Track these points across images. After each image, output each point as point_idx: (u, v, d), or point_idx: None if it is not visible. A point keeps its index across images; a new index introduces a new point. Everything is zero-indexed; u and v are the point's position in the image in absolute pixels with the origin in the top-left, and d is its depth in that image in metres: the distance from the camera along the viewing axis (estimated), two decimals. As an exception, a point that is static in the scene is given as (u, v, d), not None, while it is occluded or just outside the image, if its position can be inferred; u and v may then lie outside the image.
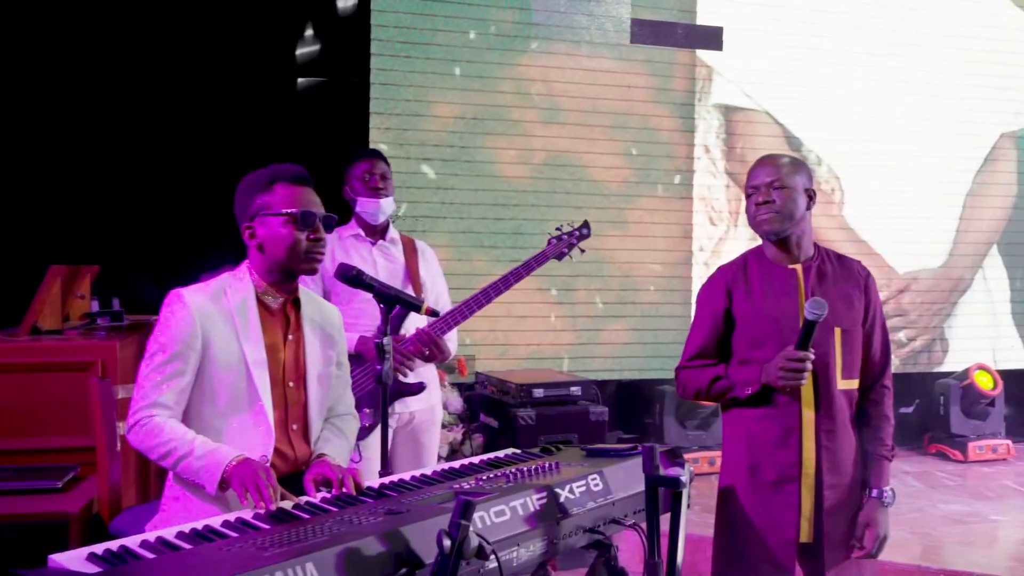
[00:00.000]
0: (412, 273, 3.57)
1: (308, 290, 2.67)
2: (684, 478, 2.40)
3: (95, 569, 1.76)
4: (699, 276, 6.45)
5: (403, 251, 3.61)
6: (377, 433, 3.33)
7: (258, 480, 2.17)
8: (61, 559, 1.80)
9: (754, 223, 2.67)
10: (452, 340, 3.67)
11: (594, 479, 2.45)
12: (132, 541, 1.92)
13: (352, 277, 2.59)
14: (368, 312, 3.36)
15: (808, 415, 2.58)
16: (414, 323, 3.44)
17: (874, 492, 2.64)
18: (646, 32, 6.18)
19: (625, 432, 6.35)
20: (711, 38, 6.35)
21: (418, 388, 3.47)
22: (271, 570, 1.66)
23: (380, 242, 3.55)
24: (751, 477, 2.66)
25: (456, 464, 2.67)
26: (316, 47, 5.73)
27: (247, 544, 1.85)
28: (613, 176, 6.29)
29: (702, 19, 6.45)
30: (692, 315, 2.93)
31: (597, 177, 6.25)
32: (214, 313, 2.42)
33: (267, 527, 2.04)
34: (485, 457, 2.80)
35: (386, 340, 2.57)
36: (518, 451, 2.95)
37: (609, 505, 2.45)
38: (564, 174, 6.19)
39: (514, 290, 3.60)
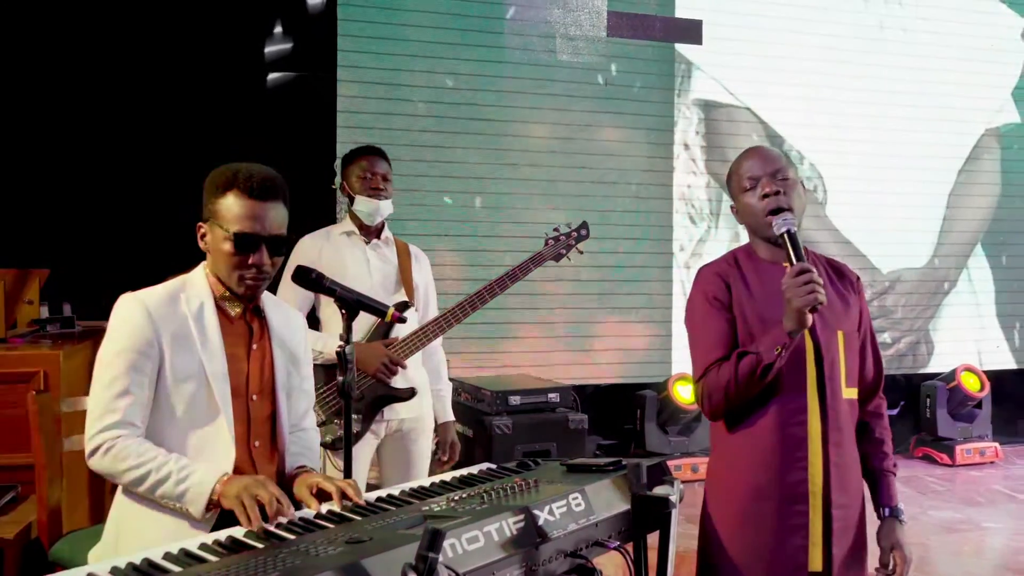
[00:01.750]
0: (405, 276, 3.47)
1: (272, 296, 2.46)
2: (674, 497, 2.22)
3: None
4: (680, 277, 6.31)
5: (397, 253, 3.50)
6: (363, 442, 3.29)
7: (244, 498, 1.98)
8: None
9: (759, 219, 2.36)
10: (439, 351, 3.60)
11: (575, 498, 2.26)
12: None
13: (312, 280, 2.39)
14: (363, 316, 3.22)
15: (815, 426, 2.33)
16: (406, 327, 3.30)
17: (888, 511, 2.43)
18: (623, 25, 6.03)
19: (604, 439, 6.18)
20: (690, 32, 6.20)
21: (409, 394, 3.34)
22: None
23: (375, 241, 3.43)
24: (750, 498, 2.39)
25: (426, 482, 2.47)
26: (285, 42, 5.55)
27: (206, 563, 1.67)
28: (589, 175, 6.14)
29: (681, 12, 6.30)
30: (678, 320, 2.70)
31: (573, 176, 6.08)
32: (170, 318, 2.21)
33: (214, 559, 1.83)
34: (458, 474, 2.60)
35: (348, 349, 2.38)
36: (494, 467, 2.75)
37: (592, 526, 2.26)
38: (539, 173, 6.02)
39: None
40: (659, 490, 2.21)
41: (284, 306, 2.50)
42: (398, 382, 3.33)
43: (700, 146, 6.41)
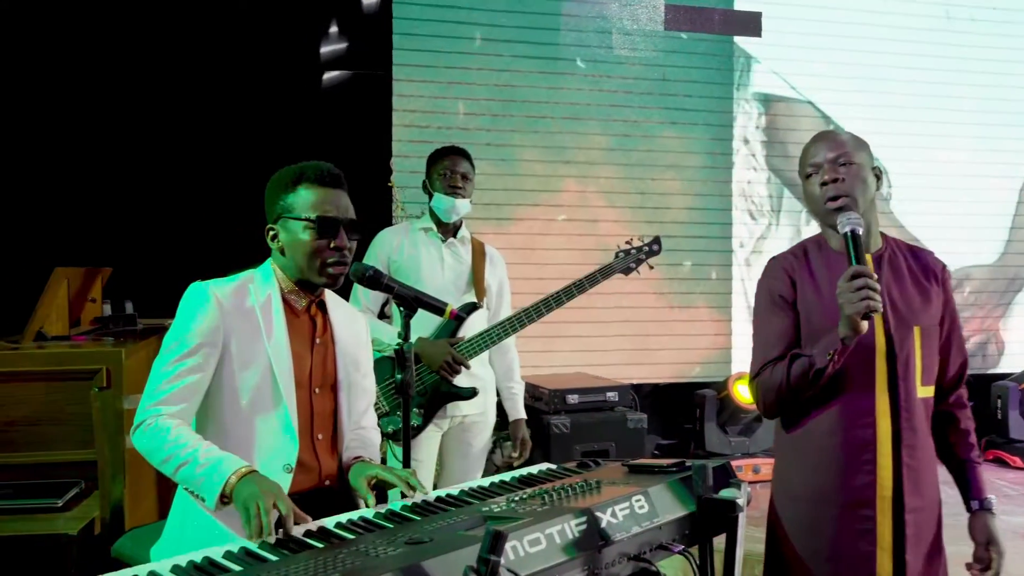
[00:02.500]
0: (477, 276, 3.51)
1: (334, 294, 2.47)
2: (741, 500, 2.15)
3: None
4: (740, 275, 6.19)
5: (472, 253, 3.55)
6: (426, 435, 3.35)
7: (259, 502, 1.93)
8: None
9: (819, 207, 2.29)
10: (512, 349, 3.63)
11: (638, 500, 2.20)
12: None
13: (369, 278, 2.36)
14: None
15: (885, 427, 2.23)
16: (474, 326, 3.40)
17: (976, 503, 2.32)
18: (681, 18, 5.92)
19: (663, 438, 6.08)
20: (749, 24, 6.07)
21: (470, 393, 3.38)
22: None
23: (450, 240, 3.49)
24: (813, 501, 2.32)
25: (485, 482, 2.44)
26: (340, 42, 5.56)
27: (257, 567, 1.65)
28: (647, 171, 6.05)
29: (740, 4, 6.17)
30: (738, 319, 2.61)
31: (630, 173, 5.99)
32: (238, 309, 2.24)
33: (275, 558, 1.81)
34: (517, 473, 2.56)
35: (407, 346, 2.34)
36: (554, 467, 2.71)
37: (655, 529, 2.20)
38: (595, 171, 5.95)
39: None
40: (726, 493, 2.15)
41: (345, 305, 2.51)
42: (462, 380, 3.36)
43: (760, 141, 6.28)
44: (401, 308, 2.38)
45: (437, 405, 3.36)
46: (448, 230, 3.48)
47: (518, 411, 3.68)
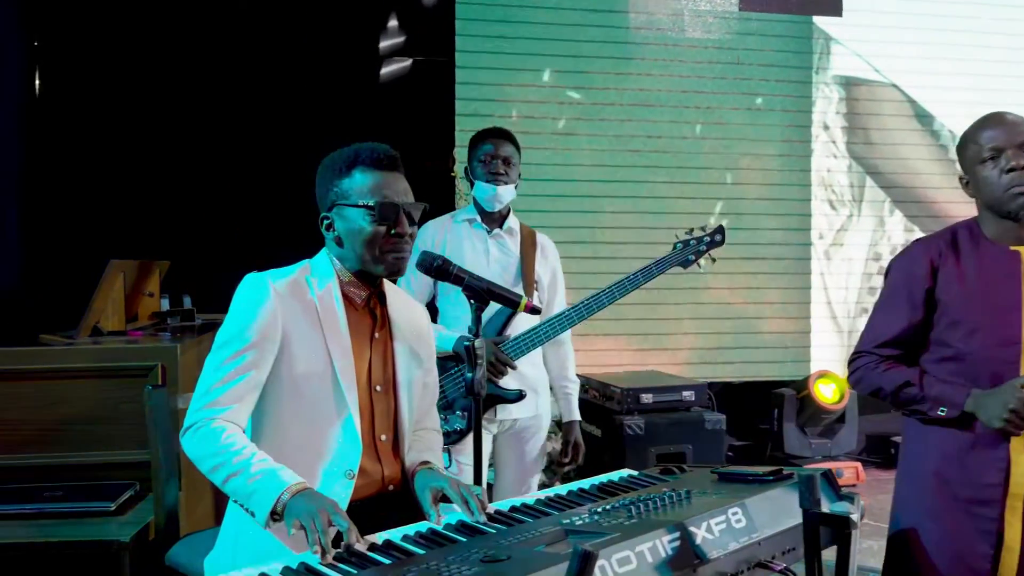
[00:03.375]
0: (526, 268, 3.28)
1: (395, 286, 2.31)
2: (855, 516, 1.92)
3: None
4: (819, 268, 5.93)
5: (521, 243, 3.31)
6: (471, 439, 3.03)
7: (316, 519, 1.76)
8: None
9: (998, 194, 2.20)
10: (566, 343, 3.41)
11: (735, 513, 2.01)
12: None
13: (437, 267, 2.19)
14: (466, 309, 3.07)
15: None
16: (523, 323, 3.16)
17: None
18: (756, -1, 5.66)
19: (737, 440, 5.83)
20: (829, 3, 5.77)
21: (516, 397, 3.16)
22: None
23: (496, 230, 3.27)
24: (936, 493, 2.25)
25: (563, 490, 2.25)
26: (401, 29, 5.44)
27: None
28: (719, 160, 5.80)
29: (818, -17, 5.87)
30: (817, 316, 2.47)
31: (701, 162, 5.75)
32: (296, 303, 2.08)
33: (335, 575, 1.64)
34: (596, 481, 2.37)
35: (478, 343, 2.16)
36: (635, 473, 2.51)
37: (755, 545, 2.00)
38: (666, 159, 5.71)
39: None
40: (838, 508, 1.92)
41: (405, 295, 2.36)
42: (509, 382, 3.14)
43: (841, 127, 5.97)
44: (472, 301, 2.19)
45: (484, 408, 3.15)
46: (493, 220, 3.26)
47: (572, 412, 3.45)
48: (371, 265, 2.10)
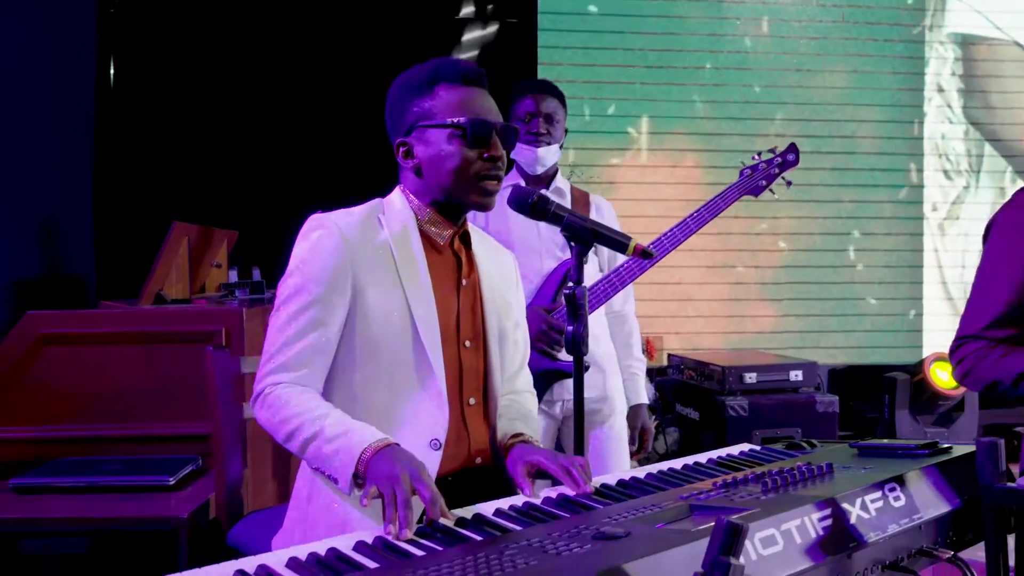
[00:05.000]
0: None
1: (479, 228, 2.05)
2: (1051, 492, 1.58)
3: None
4: (933, 244, 5.54)
5: (572, 205, 2.96)
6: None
7: (396, 486, 1.51)
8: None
9: None
10: (630, 302, 3.07)
11: (892, 490, 1.69)
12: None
13: (533, 204, 1.89)
14: (532, 266, 2.83)
15: None
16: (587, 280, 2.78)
17: None
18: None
19: (842, 428, 5.45)
20: (946, -47, 5.39)
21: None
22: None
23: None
24: None
25: (676, 464, 1.95)
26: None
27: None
28: (822, 127, 5.44)
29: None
30: (930, 297, 2.10)
31: (803, 129, 5.39)
32: (368, 246, 1.82)
33: (420, 554, 1.36)
34: (713, 455, 2.07)
35: (579, 291, 1.87)
36: (757, 448, 2.20)
37: (915, 529, 1.67)
38: (763, 126, 5.38)
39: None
40: (1026, 481, 1.58)
41: (490, 240, 2.08)
42: (565, 354, 2.76)
43: (957, 89, 5.57)
44: (572, 243, 1.89)
45: (539, 389, 2.85)
46: (540, 182, 2.92)
47: (639, 394, 3.07)
48: (460, 195, 1.83)
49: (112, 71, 4.89)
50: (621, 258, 3.02)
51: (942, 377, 5.06)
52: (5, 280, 3.89)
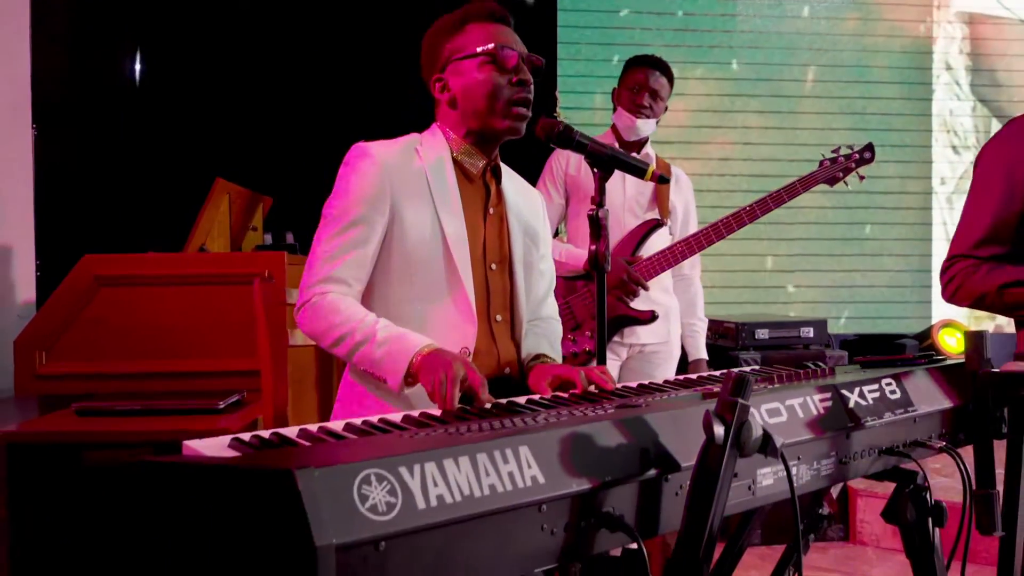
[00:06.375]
0: (660, 197, 3.27)
1: (508, 168, 2.20)
2: (1033, 375, 1.73)
3: (234, 454, 1.31)
4: (941, 217, 5.60)
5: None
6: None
7: (448, 370, 1.68)
8: (197, 444, 1.36)
9: None
10: (696, 267, 3.41)
11: (889, 384, 1.84)
12: (288, 430, 1.46)
13: (559, 134, 2.06)
14: (616, 222, 3.14)
15: None
16: (654, 246, 3.17)
17: None
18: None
19: (853, 396, 5.55)
20: (952, -67, 5.45)
21: (649, 317, 3.14)
22: (468, 450, 1.15)
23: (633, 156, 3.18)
24: None
25: (692, 376, 2.10)
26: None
27: (435, 432, 1.38)
28: (832, 104, 5.56)
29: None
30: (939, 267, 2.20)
31: (814, 107, 5.50)
32: (406, 172, 1.98)
33: (463, 424, 1.53)
34: (716, 373, 2.22)
35: (602, 213, 2.04)
36: (758, 367, 2.35)
37: (910, 422, 1.82)
38: (777, 104, 5.48)
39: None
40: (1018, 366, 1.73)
41: (519, 179, 2.23)
42: (639, 304, 3.09)
43: (965, 67, 5.66)
44: (595, 169, 2.06)
45: (611, 329, 3.08)
46: (630, 147, 3.22)
47: (699, 350, 3.41)
48: (494, 119, 1.98)
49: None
50: (692, 227, 3.36)
51: (950, 343, 5.15)
52: (66, 227, 4.08)
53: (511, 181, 2.17)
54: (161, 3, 4.95)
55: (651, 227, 3.23)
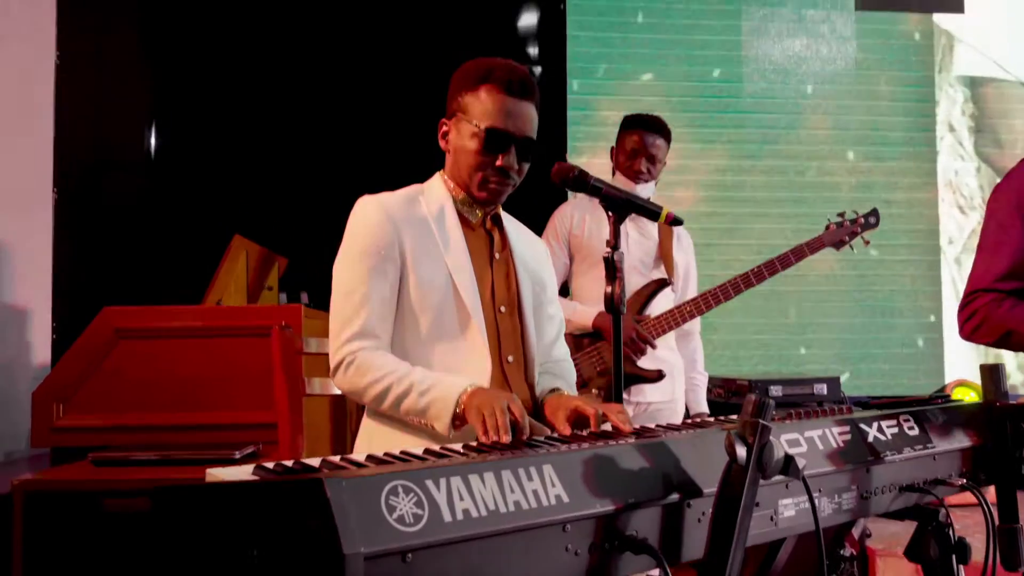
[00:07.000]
0: (665, 252, 3.26)
1: (512, 217, 2.25)
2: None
3: (256, 478, 1.32)
4: (950, 275, 5.59)
5: (658, 229, 3.29)
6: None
7: (496, 404, 1.72)
8: (220, 472, 1.38)
9: None
10: (696, 322, 3.36)
11: (907, 420, 1.83)
12: (310, 460, 1.47)
13: (574, 179, 2.10)
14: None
15: None
16: (660, 306, 3.19)
17: None
18: (872, -3, 5.50)
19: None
20: (949, 0, 5.55)
21: (656, 376, 3.14)
22: (493, 467, 1.16)
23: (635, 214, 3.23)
24: None
25: (697, 420, 2.11)
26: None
27: (458, 456, 1.44)
28: (840, 165, 5.59)
29: (938, -19, 5.66)
30: (951, 326, 2.18)
31: (821, 167, 5.55)
32: (411, 220, 2.03)
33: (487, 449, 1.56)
34: (732, 417, 2.22)
35: (617, 255, 2.06)
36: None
37: (929, 459, 1.81)
38: (783, 165, 5.53)
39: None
40: (1032, 397, 1.73)
41: (525, 229, 2.29)
42: (646, 362, 3.09)
43: (968, 128, 5.71)
44: (609, 211, 2.10)
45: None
46: None
47: (700, 404, 3.40)
48: (472, 188, 2.06)
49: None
50: (692, 284, 3.39)
51: (964, 402, 5.10)
52: (83, 289, 4.11)
53: (516, 230, 2.22)
54: (179, 75, 5.07)
55: (658, 286, 3.24)
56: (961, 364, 5.52)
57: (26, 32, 4.25)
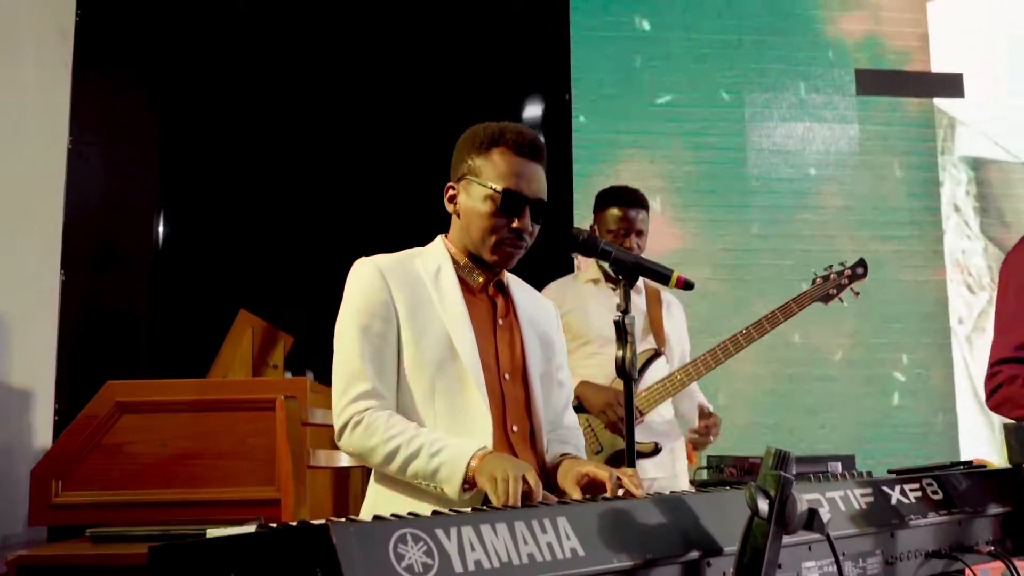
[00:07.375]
0: (655, 323, 3.23)
1: (516, 277, 2.22)
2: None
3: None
4: (961, 354, 5.54)
5: (646, 300, 3.26)
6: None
7: (508, 470, 1.68)
8: (221, 532, 1.33)
9: None
10: (697, 392, 3.32)
11: (930, 484, 1.77)
12: (315, 521, 1.42)
13: (583, 242, 2.09)
14: (603, 363, 3.07)
15: None
16: (653, 376, 3.14)
17: None
18: (873, 82, 5.57)
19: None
20: (950, 85, 5.64)
21: (651, 449, 3.08)
22: (506, 517, 1.13)
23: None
24: None
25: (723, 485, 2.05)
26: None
27: (468, 514, 1.34)
28: (847, 243, 5.55)
29: (937, 65, 5.74)
30: (964, 407, 2.16)
31: (827, 246, 5.53)
32: (407, 280, 2.01)
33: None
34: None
35: (628, 319, 2.04)
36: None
37: (955, 524, 1.74)
38: (789, 244, 5.52)
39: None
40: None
41: (531, 289, 2.26)
42: (639, 436, 3.01)
43: (973, 207, 5.73)
44: (619, 276, 2.08)
45: (615, 464, 3.00)
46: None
47: (698, 396, 3.32)
48: (481, 250, 2.03)
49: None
50: (686, 352, 3.34)
51: (983, 483, 4.98)
52: (87, 371, 4.10)
53: (523, 293, 2.19)
54: (189, 159, 5.10)
55: (650, 357, 3.20)
56: (976, 443, 5.42)
57: (41, 114, 4.32)
